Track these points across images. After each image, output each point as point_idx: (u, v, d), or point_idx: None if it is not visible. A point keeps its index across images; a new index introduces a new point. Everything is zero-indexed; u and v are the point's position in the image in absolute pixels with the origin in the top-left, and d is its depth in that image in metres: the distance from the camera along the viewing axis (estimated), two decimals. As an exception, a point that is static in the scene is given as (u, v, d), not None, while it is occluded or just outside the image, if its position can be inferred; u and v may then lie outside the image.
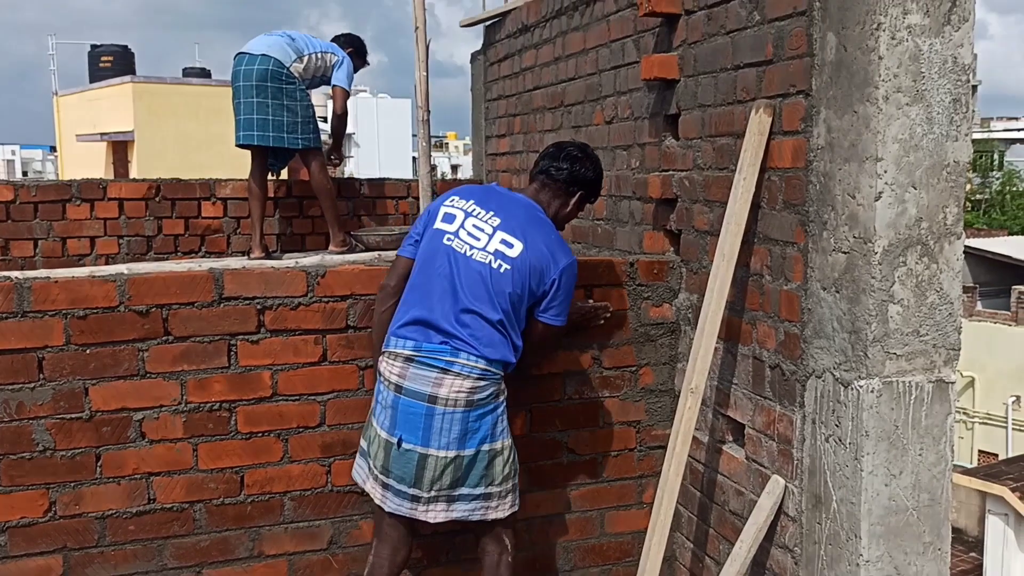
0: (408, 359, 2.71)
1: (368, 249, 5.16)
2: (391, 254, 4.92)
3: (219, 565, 2.98)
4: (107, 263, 5.12)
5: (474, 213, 2.80)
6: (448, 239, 2.77)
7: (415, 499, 2.72)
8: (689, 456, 3.13)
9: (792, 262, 2.69)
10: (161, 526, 2.90)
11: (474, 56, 6.10)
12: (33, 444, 2.76)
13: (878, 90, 2.30)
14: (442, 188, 6.11)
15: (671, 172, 3.42)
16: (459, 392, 2.67)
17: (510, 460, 2.81)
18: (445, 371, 2.67)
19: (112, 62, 23.00)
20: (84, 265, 5.02)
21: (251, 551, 3.02)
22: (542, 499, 3.36)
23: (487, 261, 2.72)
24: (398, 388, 2.72)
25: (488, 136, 5.86)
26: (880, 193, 2.32)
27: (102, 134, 21.36)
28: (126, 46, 23.96)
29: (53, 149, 35.89)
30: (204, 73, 24.30)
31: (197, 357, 2.91)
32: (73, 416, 2.79)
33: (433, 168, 5.36)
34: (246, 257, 5.15)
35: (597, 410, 3.40)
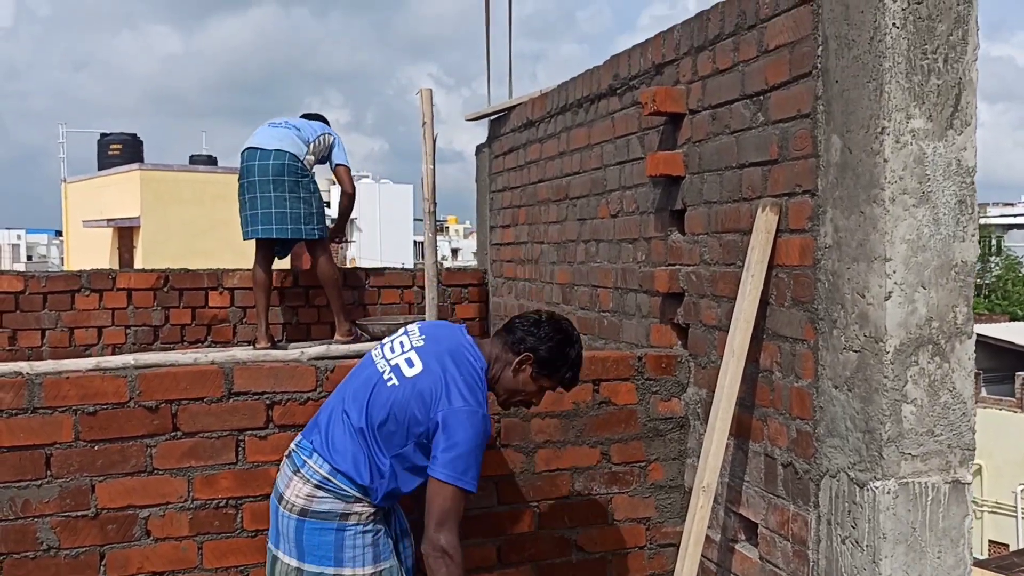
0: (287, 453, 2.68)
1: (373, 338, 5.17)
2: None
3: (221, 669, 2.90)
4: (113, 353, 5.12)
5: (409, 332, 2.71)
6: (375, 349, 2.72)
7: None
8: (701, 555, 3.07)
9: (802, 359, 2.70)
10: (164, 628, 2.84)
11: (479, 148, 6.22)
12: (37, 543, 2.72)
13: (884, 191, 2.34)
14: (446, 278, 6.17)
15: (678, 266, 3.46)
16: (297, 496, 2.53)
17: None
18: (296, 471, 2.57)
19: (121, 150, 23.42)
20: (91, 355, 5.02)
21: (254, 654, 2.94)
22: (551, 599, 3.29)
23: (382, 371, 2.59)
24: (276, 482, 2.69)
25: (493, 226, 5.94)
26: (890, 293, 2.35)
27: (109, 220, 21.61)
28: (135, 134, 24.42)
29: (59, 233, 36.26)
30: (211, 160, 24.74)
31: (205, 453, 2.88)
32: (79, 514, 2.75)
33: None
34: (252, 347, 5.15)
35: (606, 507, 3.36)
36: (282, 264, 5.70)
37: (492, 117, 5.87)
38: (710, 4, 3.26)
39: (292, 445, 2.68)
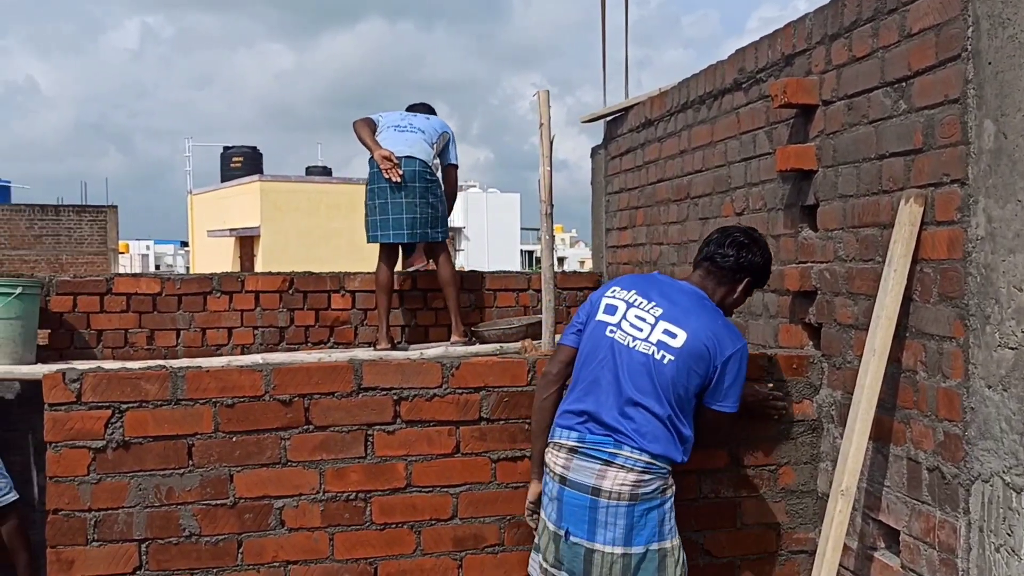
0: (572, 450, 2.67)
1: (485, 343, 5.19)
2: (514, 346, 4.94)
3: (351, 659, 2.95)
4: (242, 352, 5.30)
5: (636, 304, 2.76)
6: (611, 331, 2.74)
7: None
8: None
9: (951, 358, 2.56)
10: (297, 616, 2.90)
11: (594, 150, 6.18)
12: (180, 530, 2.82)
13: (1044, 178, 2.20)
14: (561, 280, 6.14)
15: (809, 264, 3.34)
16: (623, 484, 2.60)
17: (681, 561, 2.69)
18: (608, 463, 2.62)
19: (242, 162, 24.40)
20: (221, 355, 5.21)
21: (383, 646, 2.98)
22: (677, 603, 3.22)
23: (650, 352, 2.66)
24: (563, 479, 2.67)
25: (609, 228, 5.89)
26: (1051, 285, 2.20)
27: (231, 229, 22.52)
28: (255, 147, 25.43)
29: (183, 244, 38.01)
30: (326, 171, 25.50)
31: (336, 446, 2.94)
32: (218, 502, 2.85)
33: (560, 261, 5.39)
34: (372, 348, 5.25)
35: (734, 510, 3.26)
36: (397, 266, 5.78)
37: (608, 118, 5.82)
38: (823, 3, 3.16)
39: (569, 442, 2.68)
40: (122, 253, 28.18)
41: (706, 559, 3.24)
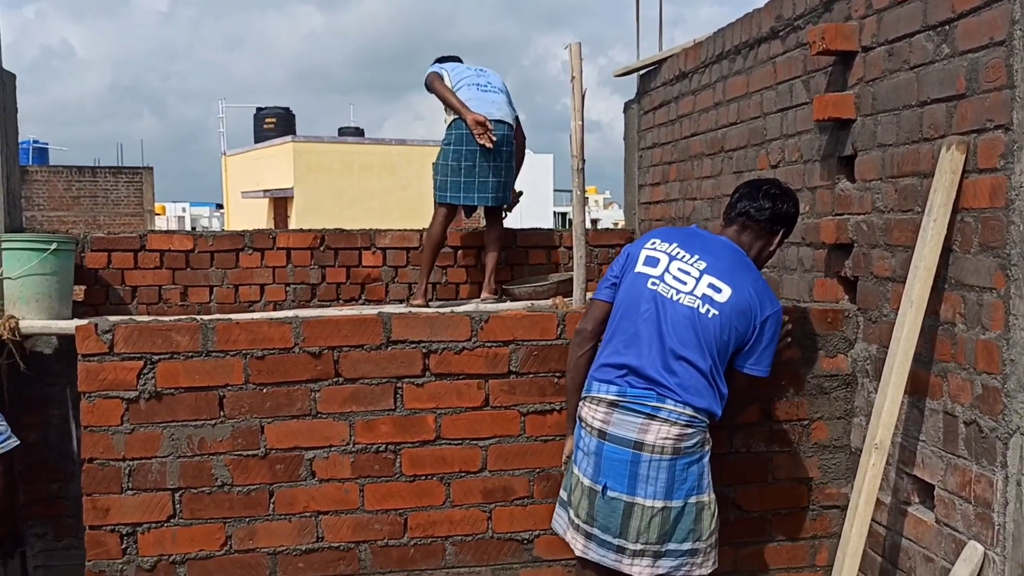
0: (612, 404, 2.64)
1: (518, 300, 5.17)
2: (545, 303, 4.92)
3: (382, 608, 2.99)
4: (275, 310, 5.33)
5: (679, 256, 2.71)
6: (653, 283, 2.68)
7: (620, 550, 2.61)
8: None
9: (991, 309, 2.49)
10: (328, 564, 2.94)
11: (627, 105, 6.09)
12: (213, 479, 2.86)
13: (1094, 121, 2.11)
14: (593, 238, 6.09)
15: (846, 216, 3.27)
16: (666, 439, 2.58)
17: (715, 514, 2.69)
18: (652, 417, 2.58)
19: (275, 123, 24.45)
20: (254, 311, 5.25)
21: (413, 595, 3.01)
22: (707, 557, 3.21)
23: (695, 306, 2.62)
24: (602, 434, 2.64)
25: (642, 184, 5.81)
26: (1099, 233, 2.12)
27: (265, 191, 22.64)
28: (287, 108, 25.44)
29: (219, 206, 38.31)
30: (358, 132, 25.48)
31: (365, 399, 2.95)
32: (250, 453, 2.87)
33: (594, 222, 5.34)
34: (404, 305, 5.25)
35: (766, 465, 3.24)
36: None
37: (641, 72, 5.72)
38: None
39: (610, 396, 2.63)
40: (159, 215, 28.48)
41: (737, 513, 3.22)
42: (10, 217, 4.84)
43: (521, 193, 5.55)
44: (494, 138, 4.94)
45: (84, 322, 2.84)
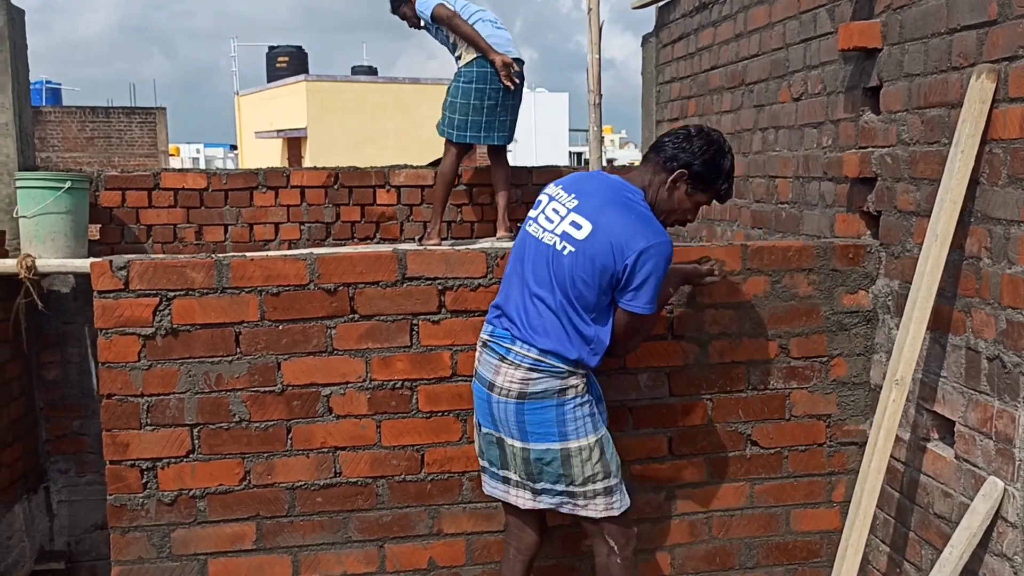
0: (483, 344, 2.70)
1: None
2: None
3: (400, 541, 3.02)
4: (289, 248, 5.32)
5: (557, 197, 2.65)
6: (528, 224, 2.69)
7: (505, 480, 2.73)
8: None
9: (1018, 243, 2.44)
10: (346, 499, 2.96)
11: (645, 38, 5.95)
12: (230, 415, 2.87)
13: None
14: (610, 172, 6.01)
15: (870, 149, 3.19)
16: (511, 382, 2.57)
17: (593, 460, 2.60)
18: (503, 359, 2.60)
19: (288, 62, 24.18)
20: (269, 250, 5.23)
21: (430, 528, 3.03)
22: (723, 492, 3.22)
23: (552, 243, 2.56)
24: (475, 372, 2.72)
25: (659, 120, 5.71)
26: None
27: (278, 131, 22.51)
28: (300, 46, 25.14)
29: (232, 147, 38.19)
30: (371, 71, 25.18)
31: (381, 335, 2.94)
32: (266, 389, 2.88)
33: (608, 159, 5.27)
34: (418, 243, 5.23)
35: (783, 402, 3.22)
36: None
37: (660, 4, 5.58)
38: None
39: (484, 336, 2.70)
40: (172, 156, 28.40)
41: (754, 449, 3.22)
42: (23, 155, 4.81)
43: None
44: (517, 80, 4.87)
45: (99, 260, 2.83)
